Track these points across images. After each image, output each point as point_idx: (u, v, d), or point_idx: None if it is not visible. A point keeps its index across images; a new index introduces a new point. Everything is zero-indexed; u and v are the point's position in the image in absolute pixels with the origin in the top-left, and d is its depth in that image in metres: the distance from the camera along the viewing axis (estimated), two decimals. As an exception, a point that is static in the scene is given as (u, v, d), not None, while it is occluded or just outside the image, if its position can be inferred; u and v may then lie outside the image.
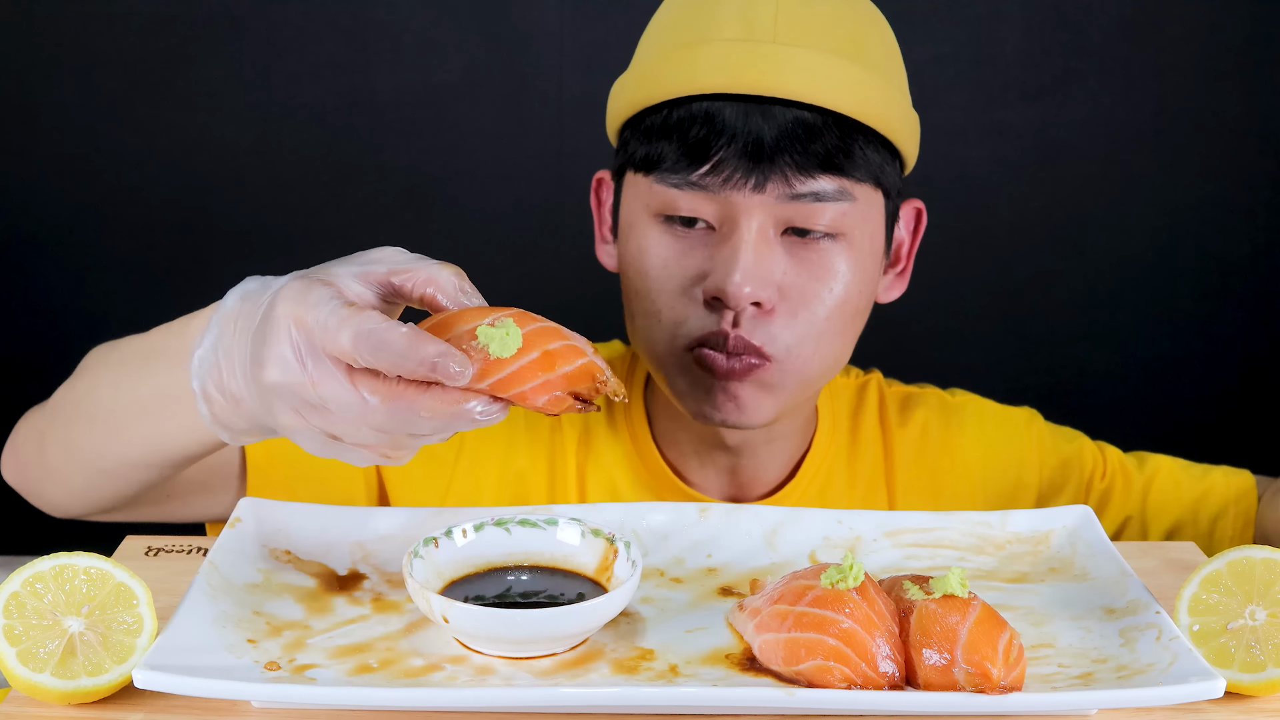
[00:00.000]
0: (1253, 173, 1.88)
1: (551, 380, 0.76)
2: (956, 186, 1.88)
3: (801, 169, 1.00)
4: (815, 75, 1.00)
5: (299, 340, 0.74)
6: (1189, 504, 1.20)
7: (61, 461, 0.99)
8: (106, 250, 1.92)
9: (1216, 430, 1.95)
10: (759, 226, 1.01)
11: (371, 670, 0.79)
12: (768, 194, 1.01)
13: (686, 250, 1.04)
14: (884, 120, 1.03)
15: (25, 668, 0.77)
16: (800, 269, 1.03)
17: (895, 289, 1.15)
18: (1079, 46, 1.85)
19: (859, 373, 1.25)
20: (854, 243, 1.04)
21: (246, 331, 0.79)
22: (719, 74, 1.01)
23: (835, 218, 1.02)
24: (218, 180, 1.90)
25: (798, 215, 1.02)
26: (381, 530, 0.93)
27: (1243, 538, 1.18)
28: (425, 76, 1.87)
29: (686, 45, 1.03)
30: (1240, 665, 0.80)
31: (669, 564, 0.92)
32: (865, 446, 1.20)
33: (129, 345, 0.95)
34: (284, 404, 0.76)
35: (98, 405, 0.94)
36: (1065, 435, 1.24)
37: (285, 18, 1.85)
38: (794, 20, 1.02)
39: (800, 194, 1.01)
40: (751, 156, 1.00)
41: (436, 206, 1.92)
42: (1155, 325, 1.93)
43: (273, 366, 0.75)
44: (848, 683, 0.76)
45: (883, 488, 1.20)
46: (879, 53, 1.05)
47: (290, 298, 0.76)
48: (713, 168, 1.01)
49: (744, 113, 1.00)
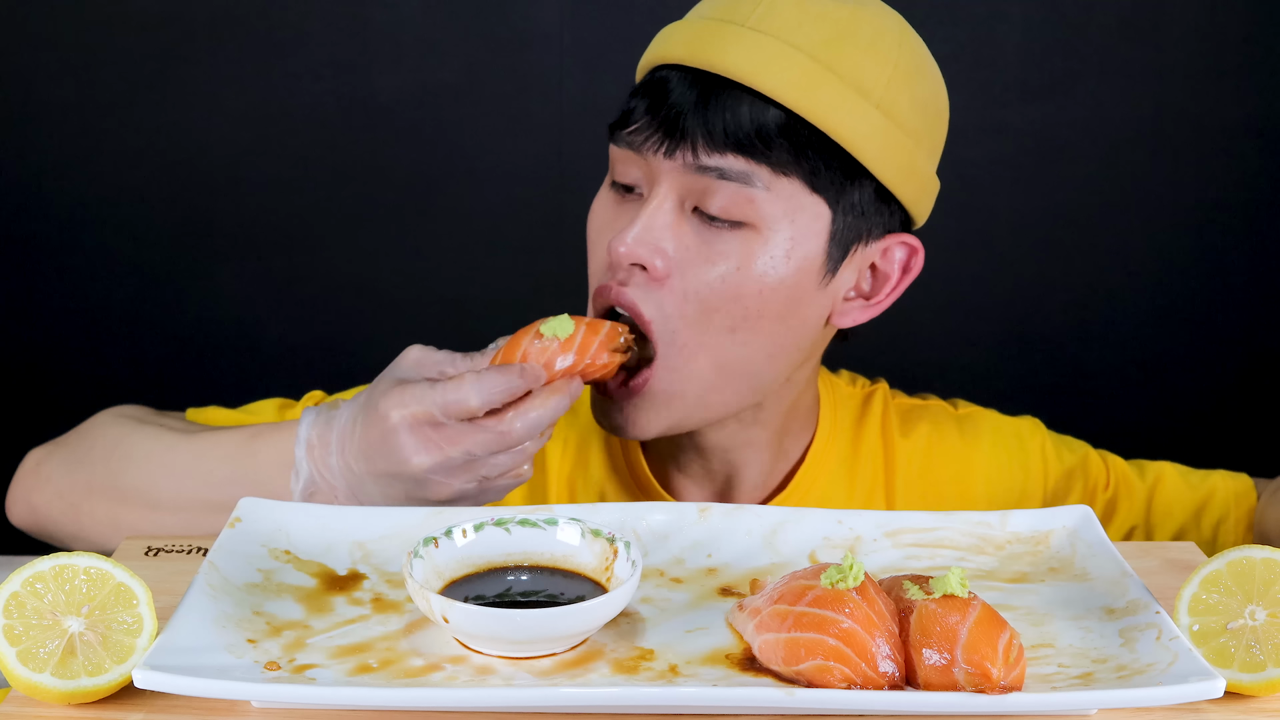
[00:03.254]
0: (1253, 173, 1.88)
1: (602, 340, 1.01)
2: (956, 186, 1.87)
3: (710, 142, 1.00)
4: (764, 62, 1.00)
5: (424, 424, 0.95)
6: (1191, 511, 1.20)
7: (104, 530, 1.09)
8: (106, 250, 1.92)
9: (1216, 430, 1.95)
10: (667, 194, 1.03)
11: (371, 670, 0.79)
12: (676, 160, 1.02)
13: (617, 215, 1.06)
14: (844, 131, 1.01)
15: (25, 668, 0.77)
16: (699, 249, 1.03)
17: (860, 316, 1.10)
18: (1079, 46, 1.85)
19: (865, 382, 1.25)
20: (762, 236, 1.02)
21: (354, 449, 0.98)
22: (679, 47, 1.03)
23: (739, 203, 1.01)
24: (218, 180, 1.90)
25: (706, 190, 1.01)
26: (381, 530, 0.93)
27: (1244, 542, 1.18)
28: (425, 77, 1.87)
29: (685, 20, 1.06)
30: (1240, 665, 0.80)
31: (669, 564, 0.92)
32: (866, 457, 1.20)
33: (180, 449, 1.08)
34: (435, 483, 0.96)
35: (159, 500, 1.06)
36: (1069, 445, 1.24)
37: (285, 18, 1.85)
38: (780, 13, 1.02)
39: (706, 166, 1.01)
40: (668, 121, 1.01)
41: (436, 206, 1.92)
42: (1155, 325, 1.93)
43: (415, 459, 0.95)
44: (848, 683, 0.76)
45: (882, 499, 1.19)
46: (857, 61, 1.02)
47: (396, 418, 0.95)
48: (636, 129, 1.03)
49: (687, 84, 1.02)
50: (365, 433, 0.97)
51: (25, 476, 1.13)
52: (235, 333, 1.93)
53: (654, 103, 1.03)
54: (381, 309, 1.93)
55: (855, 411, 1.22)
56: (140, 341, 1.94)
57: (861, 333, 1.13)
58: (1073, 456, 1.23)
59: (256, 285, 1.93)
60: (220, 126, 1.88)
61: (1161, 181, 1.88)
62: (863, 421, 1.21)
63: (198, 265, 1.92)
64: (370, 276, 1.92)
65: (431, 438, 0.95)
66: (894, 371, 1.30)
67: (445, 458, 0.95)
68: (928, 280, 1.76)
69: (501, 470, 0.97)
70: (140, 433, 1.11)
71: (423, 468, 0.95)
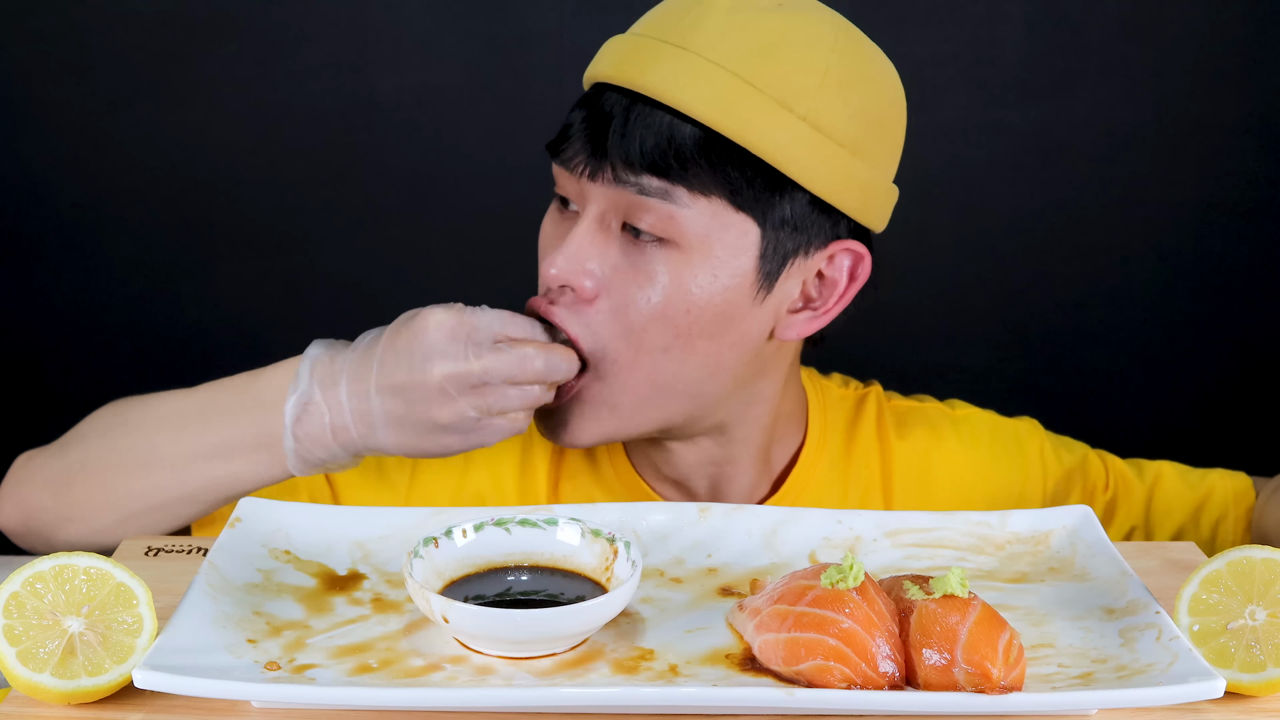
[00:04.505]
0: (1253, 173, 1.88)
1: None
2: (956, 186, 1.87)
3: (627, 163, 1.01)
4: (681, 80, 0.99)
5: (459, 337, 0.99)
6: (1190, 511, 1.20)
7: (95, 507, 1.08)
8: (106, 250, 1.92)
9: (1216, 430, 1.95)
10: (595, 214, 1.03)
11: (371, 670, 0.79)
12: (598, 182, 1.02)
13: (556, 232, 1.07)
14: (765, 145, 1.00)
15: (25, 668, 0.77)
16: (626, 268, 1.03)
17: (808, 327, 1.08)
18: (1079, 46, 1.85)
19: (858, 385, 1.24)
20: (688, 255, 1.02)
21: (367, 361, 1.02)
22: (609, 65, 1.04)
23: (662, 220, 1.01)
24: (218, 180, 1.90)
25: (630, 209, 1.02)
26: (381, 530, 0.93)
27: (1243, 541, 1.18)
28: (425, 76, 1.87)
29: (621, 36, 1.07)
30: (1240, 665, 0.80)
31: (669, 564, 0.92)
32: (860, 460, 1.19)
33: (179, 401, 1.09)
34: (445, 396, 0.99)
35: (154, 455, 1.06)
36: (1068, 446, 1.23)
37: (285, 18, 1.85)
38: (705, 28, 1.01)
39: (625, 183, 1.01)
40: (593, 142, 1.02)
41: (436, 206, 1.92)
42: (1155, 325, 1.93)
43: (438, 363, 0.99)
44: (848, 683, 0.76)
45: (879, 502, 1.18)
46: (799, 88, 1.00)
47: (434, 324, 1.00)
48: (565, 149, 1.04)
49: (612, 103, 1.02)
50: (391, 340, 1.01)
51: (15, 472, 1.12)
52: (235, 333, 1.93)
53: (582, 121, 1.04)
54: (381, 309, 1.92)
55: (848, 414, 1.21)
56: (140, 341, 1.94)
57: (860, 333, 1.13)
58: (1072, 458, 1.22)
59: (256, 285, 1.93)
60: (220, 126, 1.88)
61: (1161, 181, 1.88)
62: (856, 424, 1.21)
63: (198, 265, 1.92)
64: (370, 276, 1.92)
65: (460, 348, 0.99)
66: (894, 372, 1.30)
67: (466, 369, 0.99)
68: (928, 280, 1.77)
69: (504, 406, 1.00)
70: (136, 401, 1.11)
71: (443, 373, 0.99)
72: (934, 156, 1.84)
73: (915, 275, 1.85)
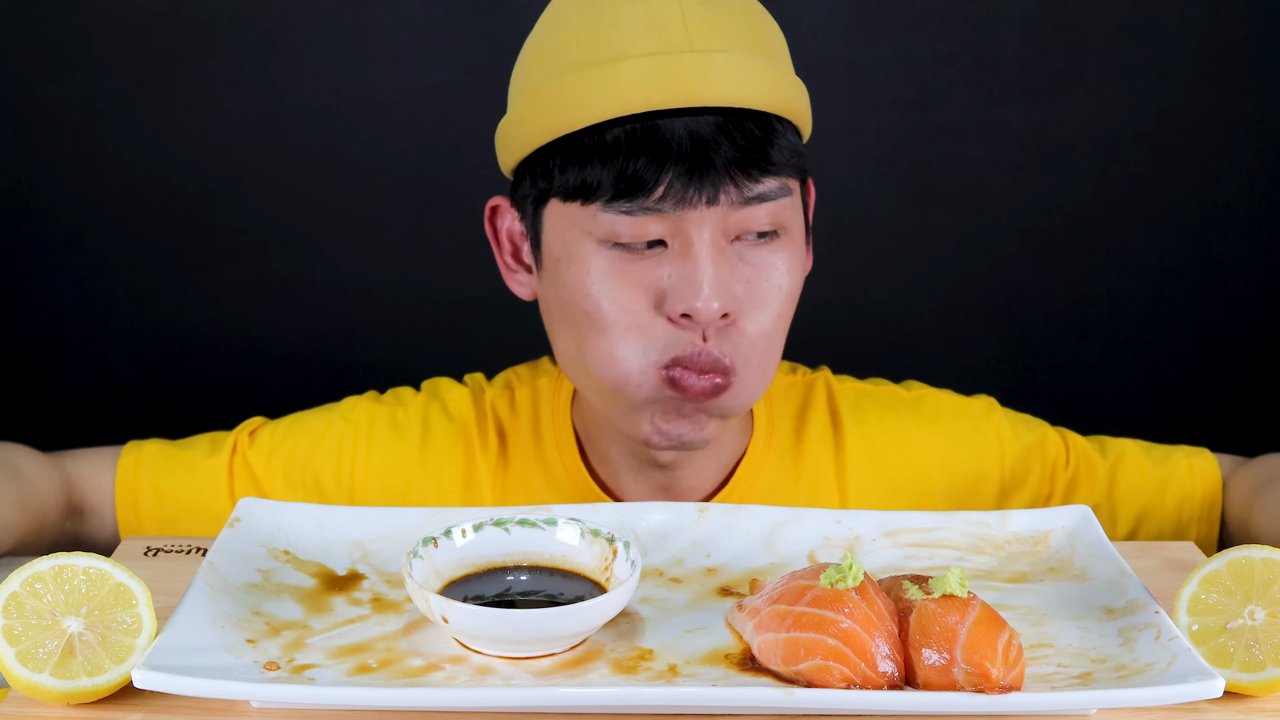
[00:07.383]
0: (1253, 173, 1.88)
1: None
2: (956, 186, 1.87)
3: (748, 175, 1.00)
4: (738, 77, 1.00)
5: None
6: (1155, 488, 1.19)
7: None
8: (106, 250, 1.92)
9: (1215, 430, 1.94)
10: (711, 238, 1.01)
11: (371, 670, 0.79)
12: (720, 205, 1.01)
13: (644, 271, 1.02)
14: (794, 109, 1.04)
15: (24, 668, 0.77)
16: (750, 272, 1.03)
17: (807, 265, 1.12)
18: (1079, 46, 1.84)
19: (806, 370, 1.24)
20: (791, 236, 1.05)
21: None
22: (646, 90, 0.99)
23: (770, 217, 1.03)
24: (218, 180, 1.90)
25: (747, 219, 1.02)
26: (380, 530, 0.93)
27: (1208, 519, 1.18)
28: (425, 76, 1.87)
29: (598, 64, 1.01)
30: (1239, 665, 0.80)
31: (668, 564, 0.92)
32: (812, 446, 1.18)
33: None
34: None
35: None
36: (1026, 423, 1.22)
37: (285, 18, 1.85)
38: (704, 26, 1.01)
39: (750, 198, 1.01)
40: (700, 173, 0.99)
41: (436, 206, 1.91)
42: (1155, 325, 1.93)
43: None
44: (847, 683, 0.76)
45: (833, 487, 1.18)
46: (773, 40, 1.06)
47: None
48: (665, 191, 0.99)
49: (683, 129, 0.99)
50: None
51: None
52: (235, 333, 1.93)
53: (663, 160, 0.99)
54: (381, 309, 1.93)
55: (797, 402, 1.21)
56: (140, 341, 1.94)
57: (861, 333, 1.13)
58: (1031, 435, 1.21)
59: (256, 285, 1.93)
60: (220, 126, 1.88)
61: (1161, 181, 1.88)
62: (806, 412, 1.20)
63: (198, 265, 1.92)
64: (370, 276, 1.92)
65: None
66: (894, 372, 1.29)
67: None
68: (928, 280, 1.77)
69: None
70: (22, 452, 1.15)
71: None
72: (934, 156, 1.84)
73: (915, 275, 1.85)
